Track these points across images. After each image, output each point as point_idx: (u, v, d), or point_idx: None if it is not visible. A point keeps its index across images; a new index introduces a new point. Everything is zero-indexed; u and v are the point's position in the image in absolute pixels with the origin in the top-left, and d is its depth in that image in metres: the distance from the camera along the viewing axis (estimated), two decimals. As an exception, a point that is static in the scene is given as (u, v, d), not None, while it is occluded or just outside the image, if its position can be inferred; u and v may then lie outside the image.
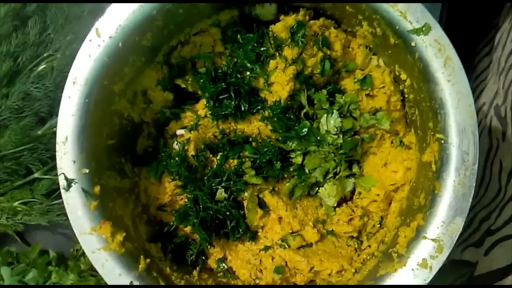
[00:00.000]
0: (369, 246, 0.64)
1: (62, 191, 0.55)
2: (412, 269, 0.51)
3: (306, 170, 0.64)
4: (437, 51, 0.49)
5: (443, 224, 0.50)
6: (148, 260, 0.57)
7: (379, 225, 0.64)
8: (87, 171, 0.55)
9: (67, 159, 0.55)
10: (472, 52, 1.04)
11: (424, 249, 0.51)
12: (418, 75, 0.52)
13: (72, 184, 0.55)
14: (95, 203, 0.55)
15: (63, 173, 0.55)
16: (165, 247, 0.64)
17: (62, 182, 0.55)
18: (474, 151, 0.49)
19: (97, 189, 0.56)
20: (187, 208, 0.62)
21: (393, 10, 0.50)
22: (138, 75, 0.62)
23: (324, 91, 0.62)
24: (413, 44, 0.50)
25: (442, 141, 0.51)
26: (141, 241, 0.61)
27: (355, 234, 0.65)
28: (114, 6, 0.54)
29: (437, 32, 0.49)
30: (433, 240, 0.50)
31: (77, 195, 0.55)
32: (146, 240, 0.63)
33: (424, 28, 0.49)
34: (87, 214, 0.55)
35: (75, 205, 0.55)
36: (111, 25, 0.54)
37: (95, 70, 0.55)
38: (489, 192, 0.80)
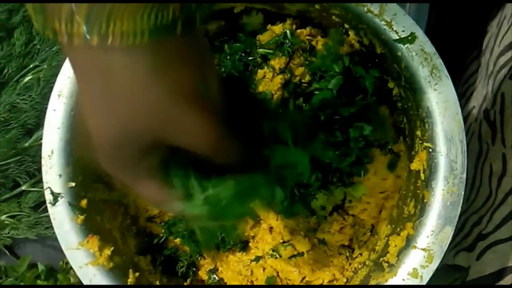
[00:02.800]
0: (361, 254, 0.63)
1: (49, 205, 0.55)
2: (403, 279, 0.50)
3: (296, 180, 0.64)
4: (423, 60, 0.49)
5: (432, 233, 0.50)
6: (137, 274, 0.56)
7: (370, 233, 0.64)
8: (73, 184, 0.55)
9: (52, 173, 0.55)
10: (461, 56, 1.04)
11: (414, 259, 0.50)
12: (405, 84, 0.52)
13: (59, 198, 0.55)
14: (82, 217, 0.54)
15: (49, 187, 0.55)
16: (155, 259, 0.64)
17: (48, 197, 0.55)
18: (462, 160, 0.49)
19: (84, 202, 0.55)
20: (177, 219, 0.62)
21: (379, 20, 0.50)
22: (124, 86, 0.61)
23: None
24: (399, 53, 0.50)
25: (430, 150, 0.50)
26: (130, 254, 0.61)
27: (346, 243, 0.65)
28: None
29: (423, 41, 0.49)
30: (423, 249, 0.50)
31: (63, 209, 0.54)
32: (135, 253, 0.62)
33: (410, 38, 0.49)
34: (74, 229, 0.54)
35: (62, 220, 0.54)
36: (95, 37, 0.54)
37: (80, 83, 0.54)
38: (480, 196, 0.80)
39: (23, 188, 0.77)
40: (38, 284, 0.75)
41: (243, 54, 0.62)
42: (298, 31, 0.61)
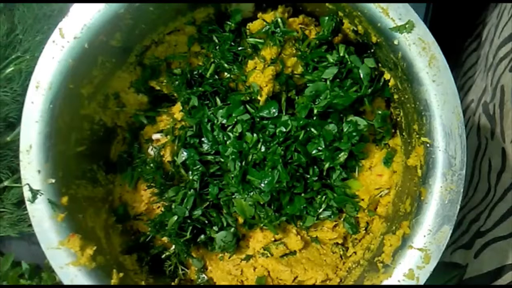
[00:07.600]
0: (355, 253, 0.61)
1: (27, 203, 0.52)
2: (398, 280, 0.48)
3: (288, 175, 0.61)
4: (421, 50, 0.46)
5: (429, 233, 0.47)
6: (121, 274, 0.54)
7: (364, 231, 0.62)
8: (53, 181, 0.52)
9: (31, 169, 0.52)
10: (460, 48, 1.01)
11: (410, 259, 0.48)
12: (402, 75, 0.50)
13: (38, 195, 0.52)
14: (62, 215, 0.52)
15: (28, 184, 0.52)
16: (141, 258, 0.61)
17: (26, 194, 0.52)
18: (462, 155, 0.47)
19: (64, 199, 0.52)
20: (163, 217, 0.59)
21: (374, 7, 0.47)
22: (108, 77, 0.58)
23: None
24: (395, 42, 0.47)
25: (428, 145, 0.48)
26: (114, 254, 0.58)
27: (340, 241, 0.62)
28: (78, 5, 0.51)
29: (421, 29, 0.47)
30: (419, 249, 0.47)
31: (43, 207, 0.52)
32: (120, 252, 0.59)
33: (407, 26, 0.46)
34: (54, 227, 0.52)
35: (41, 218, 0.52)
36: (75, 25, 0.51)
37: (59, 73, 0.51)
38: (478, 192, 0.78)
39: (5, 184, 0.74)
40: (21, 284, 0.72)
41: (232, 44, 0.59)
42: (290, 19, 0.58)
